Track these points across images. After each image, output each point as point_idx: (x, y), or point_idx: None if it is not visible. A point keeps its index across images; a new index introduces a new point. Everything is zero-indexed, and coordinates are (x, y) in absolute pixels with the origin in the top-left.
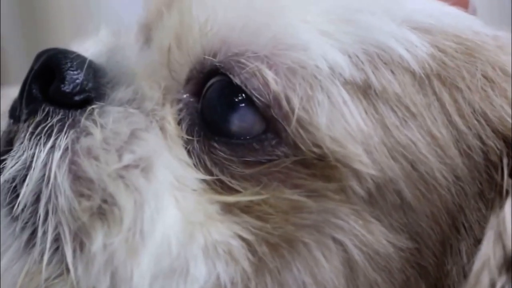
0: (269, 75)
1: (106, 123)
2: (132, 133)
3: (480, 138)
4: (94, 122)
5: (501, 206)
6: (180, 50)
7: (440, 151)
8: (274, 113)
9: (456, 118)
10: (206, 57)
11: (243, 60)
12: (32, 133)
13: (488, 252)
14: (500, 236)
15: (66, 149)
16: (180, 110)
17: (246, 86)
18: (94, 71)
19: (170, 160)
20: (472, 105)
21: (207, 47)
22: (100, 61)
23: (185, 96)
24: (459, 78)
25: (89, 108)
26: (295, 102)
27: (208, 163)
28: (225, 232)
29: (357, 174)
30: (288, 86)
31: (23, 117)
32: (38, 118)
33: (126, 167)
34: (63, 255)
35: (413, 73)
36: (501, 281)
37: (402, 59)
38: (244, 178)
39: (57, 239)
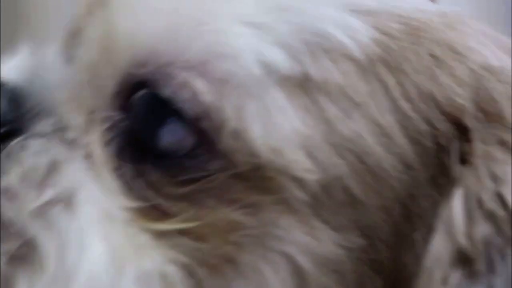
0: (200, 85)
1: (24, 158)
2: (53, 166)
3: (428, 122)
4: (12, 158)
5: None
6: (106, 64)
7: (387, 140)
8: (205, 125)
9: (403, 103)
10: (133, 69)
11: (171, 71)
12: None
13: (438, 247)
14: (449, 230)
15: None
16: (109, 129)
17: (175, 99)
18: (15, 97)
19: (95, 192)
20: (418, 87)
21: (134, 59)
22: (22, 85)
23: (113, 113)
24: (404, 60)
25: (8, 144)
26: (227, 112)
27: (141, 187)
28: (159, 259)
29: (298, 182)
30: (220, 96)
31: None
32: None
33: (47, 203)
34: None
35: (355, 60)
36: (454, 277)
37: (343, 46)
38: (179, 199)
39: None
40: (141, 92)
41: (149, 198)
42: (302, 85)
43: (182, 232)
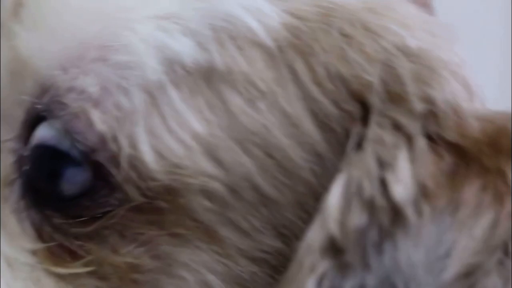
0: (94, 114)
1: None
2: None
3: (336, 104)
4: None
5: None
6: (14, 90)
7: (296, 131)
8: (100, 157)
9: (311, 87)
10: (35, 98)
11: (65, 101)
12: None
13: (312, 234)
14: (324, 217)
15: None
16: (15, 164)
17: (67, 131)
18: None
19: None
20: (327, 68)
21: (37, 86)
22: None
23: (18, 146)
24: (314, 42)
25: None
26: (122, 140)
27: (48, 230)
28: None
29: (203, 192)
30: (115, 123)
31: None
32: None
33: None
34: None
35: (263, 47)
36: (322, 266)
37: (252, 32)
38: (85, 239)
39: None
40: (39, 127)
41: (57, 240)
42: (206, 77)
43: (88, 273)
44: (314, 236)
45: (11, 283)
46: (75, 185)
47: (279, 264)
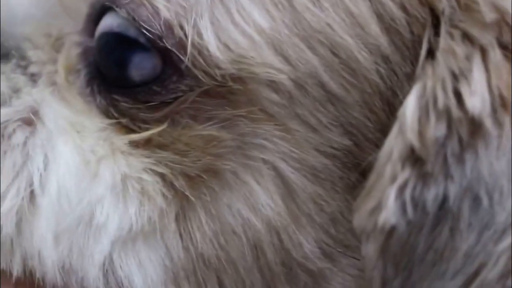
0: (160, 2)
1: None
2: (14, 91)
3: (404, 8)
4: None
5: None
6: None
7: (360, 31)
8: (168, 43)
9: None
10: None
11: None
12: None
13: (391, 144)
14: (402, 127)
15: None
16: (80, 56)
17: (134, 19)
18: None
19: (60, 109)
20: None
21: None
22: None
23: (83, 38)
24: None
25: None
26: (188, 28)
27: (116, 115)
28: (136, 165)
29: (269, 83)
30: (180, 12)
31: None
32: None
33: (4, 123)
34: None
35: None
36: (402, 176)
37: None
38: (155, 122)
39: None
40: (105, 17)
41: (126, 124)
42: None
43: (159, 146)
44: (393, 145)
45: (80, 144)
46: (144, 71)
47: (349, 161)
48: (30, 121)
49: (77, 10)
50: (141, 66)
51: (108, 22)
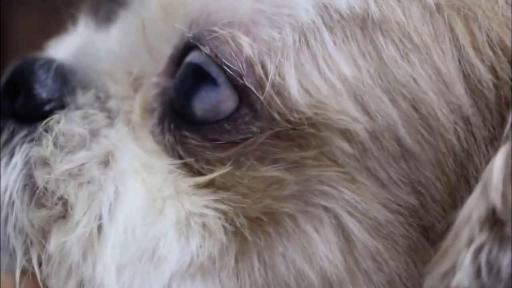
0: (245, 40)
1: (60, 129)
2: (92, 133)
3: (493, 71)
4: (48, 130)
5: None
6: (164, 25)
7: (445, 89)
8: (247, 81)
9: (469, 50)
10: (186, 29)
11: (215, 28)
12: None
13: (471, 205)
14: (485, 188)
15: (23, 164)
16: (157, 96)
17: (216, 56)
18: (61, 77)
19: (135, 150)
20: (488, 34)
21: (190, 21)
22: (68, 63)
23: (162, 79)
24: (476, 6)
25: (47, 119)
26: (271, 67)
27: (182, 154)
28: (199, 202)
29: (344, 132)
30: (265, 52)
31: None
32: (4, 138)
33: (81, 165)
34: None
35: (421, 2)
36: (480, 238)
37: None
38: (220, 162)
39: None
40: (189, 57)
41: (191, 164)
42: (361, 24)
43: (222, 188)
44: (473, 207)
45: (148, 182)
46: (218, 108)
47: (413, 221)
48: (106, 162)
49: (160, 50)
50: (215, 100)
51: (191, 58)
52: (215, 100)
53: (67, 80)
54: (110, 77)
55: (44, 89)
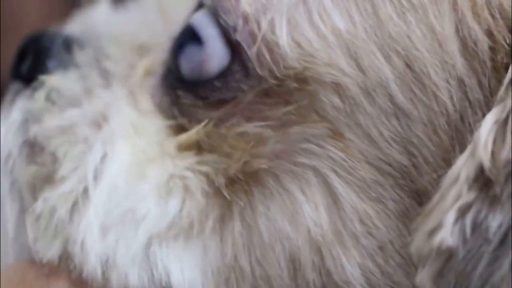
0: None
1: (54, 86)
2: (85, 92)
3: (490, 34)
4: (43, 87)
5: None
6: None
7: (439, 49)
8: (240, 37)
9: (467, 12)
10: None
11: None
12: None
13: (460, 165)
14: (475, 148)
15: (22, 120)
16: (161, 61)
17: (216, 10)
18: (68, 43)
19: (128, 112)
20: None
21: None
22: (77, 34)
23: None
24: None
25: (43, 75)
26: (264, 23)
27: (177, 115)
28: (180, 165)
29: (334, 87)
30: (260, 10)
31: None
32: (9, 98)
33: (73, 123)
34: None
35: None
36: (467, 197)
37: None
38: (210, 122)
39: None
40: (192, 17)
41: (184, 124)
42: None
43: (207, 150)
44: (462, 166)
45: (135, 144)
46: (209, 65)
47: (405, 184)
48: (98, 123)
49: (176, 20)
50: (207, 56)
51: (189, 19)
52: (199, 58)
53: (72, 46)
54: (111, 40)
55: (49, 53)
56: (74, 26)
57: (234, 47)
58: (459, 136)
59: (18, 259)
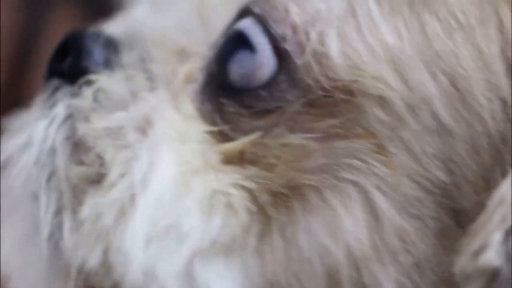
0: (293, 8)
1: (102, 86)
2: (132, 94)
3: None
4: (89, 85)
5: None
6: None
7: (485, 69)
8: (289, 46)
9: None
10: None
11: None
12: (38, 109)
13: (506, 187)
14: None
15: (66, 117)
16: (202, 67)
17: (264, 18)
18: (110, 43)
19: (172, 116)
20: None
21: None
22: (118, 32)
23: (211, 51)
24: None
25: (91, 75)
26: (313, 35)
27: (219, 122)
28: (224, 180)
29: (380, 100)
30: (310, 22)
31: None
32: (45, 95)
33: (120, 126)
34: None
35: None
36: None
37: None
38: (254, 132)
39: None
40: (238, 23)
41: (227, 133)
42: (408, 0)
43: (250, 162)
44: (507, 190)
45: (180, 155)
46: (256, 73)
47: (444, 201)
48: (143, 128)
49: (215, 25)
50: (254, 65)
51: (237, 26)
52: (252, 66)
53: (114, 46)
54: (155, 43)
55: (92, 51)
56: (115, 26)
57: (281, 57)
58: (500, 157)
59: (51, 259)
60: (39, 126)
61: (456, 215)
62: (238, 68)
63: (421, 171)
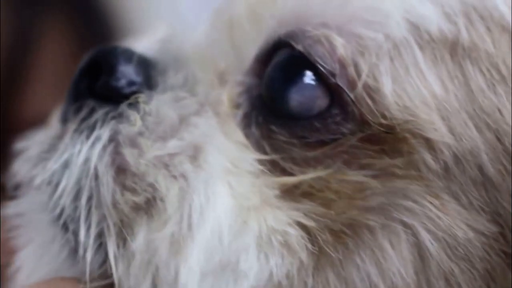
0: (338, 40)
1: (150, 110)
2: (181, 119)
3: None
4: (138, 110)
5: None
6: (251, 25)
7: None
8: (340, 81)
9: None
10: (276, 29)
11: (309, 28)
12: (75, 131)
13: None
14: None
15: (109, 141)
16: (241, 93)
17: (309, 54)
18: (144, 62)
19: (224, 144)
20: None
21: (280, 21)
22: (151, 52)
23: (248, 78)
24: None
25: (134, 97)
26: (363, 68)
27: (268, 149)
28: (283, 218)
29: (431, 145)
30: (357, 52)
31: (69, 116)
32: (82, 115)
33: (172, 155)
34: (106, 254)
35: (511, 34)
36: None
37: (502, 17)
38: (306, 162)
39: (100, 236)
40: (278, 54)
41: (277, 161)
42: (450, 49)
43: (307, 196)
44: None
45: (236, 188)
46: (308, 105)
47: (494, 244)
48: (195, 156)
49: (245, 50)
50: (306, 97)
51: (281, 56)
52: (313, 94)
53: (150, 65)
54: (198, 64)
55: (127, 70)
56: (146, 45)
57: (333, 90)
58: None
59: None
60: (78, 148)
61: (506, 257)
62: (299, 95)
63: (471, 220)
